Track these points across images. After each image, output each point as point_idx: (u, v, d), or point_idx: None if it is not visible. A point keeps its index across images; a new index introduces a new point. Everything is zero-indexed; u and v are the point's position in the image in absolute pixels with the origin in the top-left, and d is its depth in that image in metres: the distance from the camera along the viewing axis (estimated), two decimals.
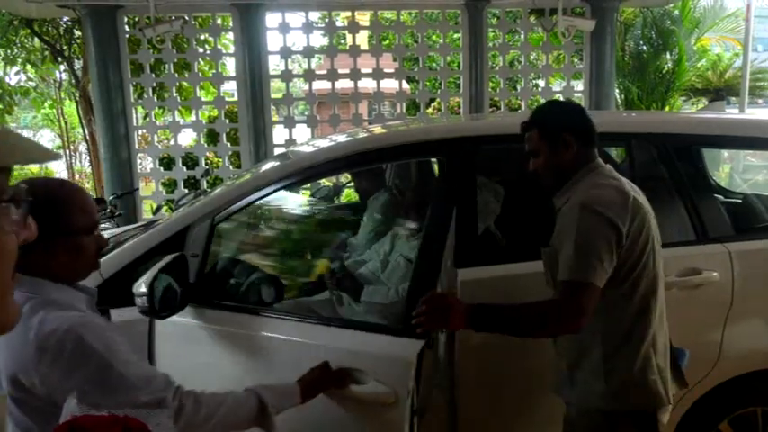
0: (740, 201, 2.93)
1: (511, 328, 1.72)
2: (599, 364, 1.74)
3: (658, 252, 1.78)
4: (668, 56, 7.94)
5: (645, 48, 7.90)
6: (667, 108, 7.90)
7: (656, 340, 1.76)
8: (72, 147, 12.80)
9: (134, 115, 6.60)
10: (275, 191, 2.17)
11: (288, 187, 2.29)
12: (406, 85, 7.22)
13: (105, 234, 3.63)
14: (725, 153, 7.29)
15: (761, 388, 2.27)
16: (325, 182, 3.94)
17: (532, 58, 8.88)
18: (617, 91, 7.81)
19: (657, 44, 7.84)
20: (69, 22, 7.82)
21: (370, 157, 2.23)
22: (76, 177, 12.16)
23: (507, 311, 1.70)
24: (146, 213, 6.92)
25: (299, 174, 2.18)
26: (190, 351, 1.96)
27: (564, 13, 6.42)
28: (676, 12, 8.04)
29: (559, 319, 1.64)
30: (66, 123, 11.44)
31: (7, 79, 8.67)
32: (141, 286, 1.75)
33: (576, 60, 6.92)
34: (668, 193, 2.29)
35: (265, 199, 2.26)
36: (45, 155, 0.69)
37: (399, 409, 1.55)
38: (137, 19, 6.66)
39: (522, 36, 7.05)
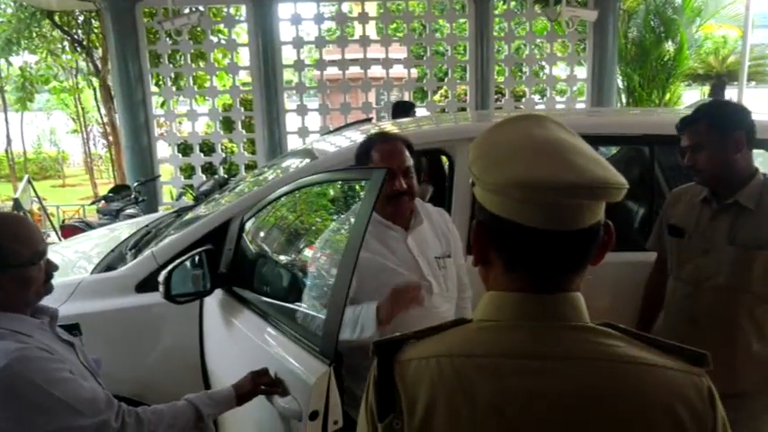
0: None
1: None
2: None
3: None
4: (670, 43, 8.12)
5: (647, 36, 8.08)
6: (668, 95, 8.12)
7: None
8: (86, 131, 13.11)
9: (152, 104, 6.88)
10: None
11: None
12: (414, 73, 7.44)
13: (135, 220, 3.92)
14: None
15: None
16: None
17: (537, 43, 9.06)
18: (619, 78, 8.01)
19: (659, 32, 8.01)
20: (88, 13, 8.07)
21: None
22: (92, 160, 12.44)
23: None
24: (165, 198, 7.25)
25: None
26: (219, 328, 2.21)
27: (568, 3, 6.61)
28: (678, 0, 8.21)
29: None
30: (82, 109, 11.74)
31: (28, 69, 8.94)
32: (160, 276, 2.00)
33: (579, 49, 7.13)
34: None
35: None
36: None
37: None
38: (154, 10, 6.89)
39: (528, 25, 7.26)
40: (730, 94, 9.66)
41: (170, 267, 2.00)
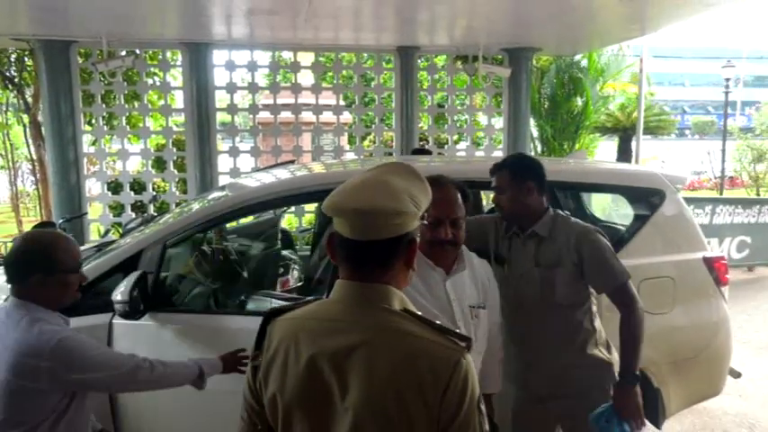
0: None
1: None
2: None
3: None
4: (579, 99, 8.97)
5: (558, 92, 8.90)
6: (578, 145, 8.90)
7: None
8: (14, 167, 12.81)
9: (83, 141, 6.93)
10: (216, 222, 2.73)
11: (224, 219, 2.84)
12: (345, 118, 7.84)
13: None
14: None
15: None
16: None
17: (458, 95, 9.77)
18: (534, 129, 8.71)
19: (569, 89, 8.86)
20: (21, 51, 8.10)
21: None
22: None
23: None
24: (93, 235, 7.23)
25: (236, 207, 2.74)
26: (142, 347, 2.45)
27: (485, 60, 7.25)
28: (585, 61, 9.11)
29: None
30: (11, 145, 11.51)
31: None
32: (119, 296, 2.30)
33: (496, 101, 7.74)
34: None
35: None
36: None
37: None
38: (89, 51, 7.03)
39: (449, 79, 7.86)
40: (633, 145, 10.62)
41: (130, 288, 2.27)
